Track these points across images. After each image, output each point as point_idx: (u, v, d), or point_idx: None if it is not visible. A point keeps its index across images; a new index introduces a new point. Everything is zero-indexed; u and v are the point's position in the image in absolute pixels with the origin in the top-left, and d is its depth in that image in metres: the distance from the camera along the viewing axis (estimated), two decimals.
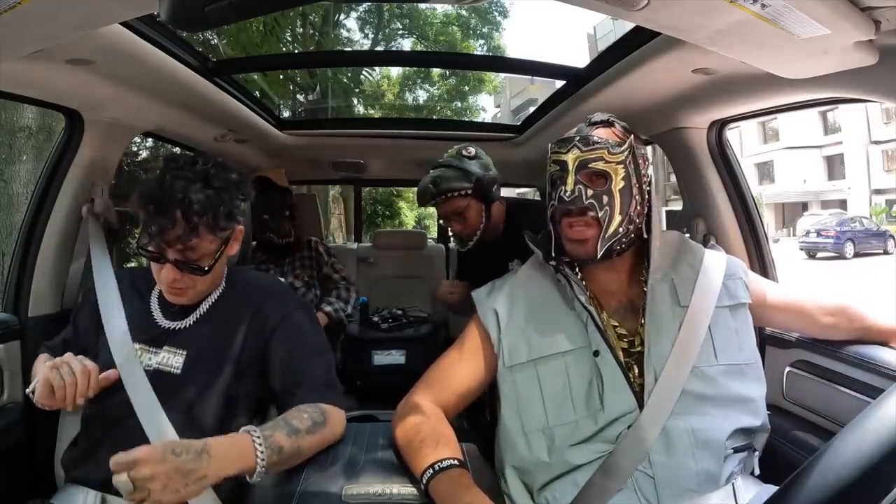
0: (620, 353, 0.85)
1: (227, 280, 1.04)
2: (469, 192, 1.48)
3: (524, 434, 0.84)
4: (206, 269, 0.92)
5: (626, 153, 0.87)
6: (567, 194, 0.86)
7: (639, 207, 0.89)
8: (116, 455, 0.67)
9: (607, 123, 0.92)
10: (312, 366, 0.98)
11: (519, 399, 0.86)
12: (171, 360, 0.95)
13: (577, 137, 0.89)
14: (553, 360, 0.86)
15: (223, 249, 0.95)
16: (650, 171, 0.93)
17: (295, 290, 1.91)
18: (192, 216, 0.86)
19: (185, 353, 0.95)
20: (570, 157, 0.87)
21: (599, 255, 0.87)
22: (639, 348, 0.85)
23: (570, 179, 0.87)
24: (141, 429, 0.89)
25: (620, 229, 0.87)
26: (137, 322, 0.98)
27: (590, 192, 0.86)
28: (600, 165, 0.86)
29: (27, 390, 0.91)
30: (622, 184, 0.87)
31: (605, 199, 0.86)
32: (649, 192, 0.92)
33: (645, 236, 0.91)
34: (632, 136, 0.90)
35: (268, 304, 1.00)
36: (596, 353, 0.84)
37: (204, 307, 1.00)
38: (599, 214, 0.86)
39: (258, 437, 0.79)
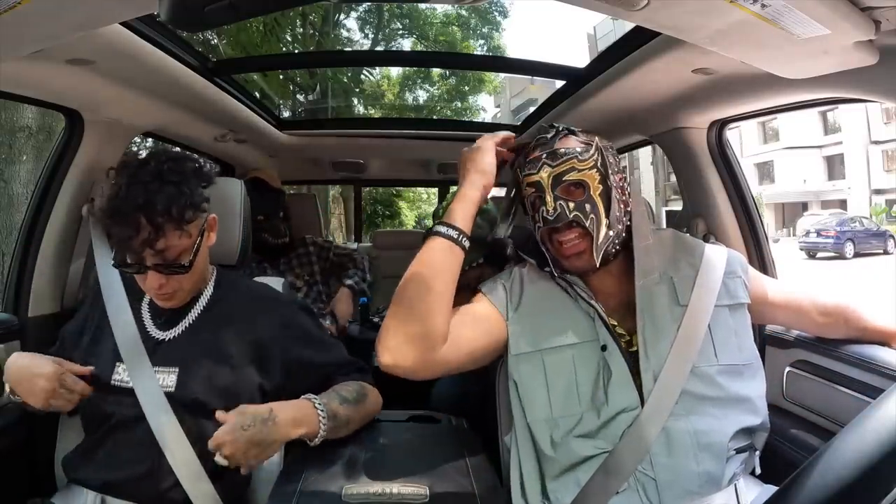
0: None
1: (217, 284, 1.03)
2: (481, 261, 1.31)
3: (527, 424, 0.85)
4: (188, 265, 0.91)
5: (595, 156, 0.87)
6: (550, 213, 0.86)
7: (623, 206, 0.90)
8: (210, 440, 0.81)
9: (569, 133, 0.91)
10: (333, 357, 1.02)
11: (523, 388, 0.86)
12: (166, 380, 0.92)
13: (544, 155, 0.88)
14: (560, 353, 0.86)
15: (200, 242, 0.94)
16: (623, 166, 0.94)
17: (296, 290, 1.90)
18: (155, 217, 0.85)
19: (176, 369, 0.93)
20: (544, 176, 0.87)
21: (598, 262, 0.86)
22: (635, 348, 0.85)
23: (549, 197, 0.86)
24: (144, 429, 0.89)
25: (611, 233, 0.87)
26: (129, 335, 0.96)
27: (571, 204, 0.86)
28: (574, 176, 0.86)
29: (12, 397, 0.93)
30: (600, 188, 0.87)
31: (588, 207, 0.86)
32: (629, 190, 0.92)
33: (623, 235, 0.91)
34: (596, 138, 0.90)
35: (265, 316, 0.99)
36: (604, 348, 0.85)
37: (193, 314, 0.98)
38: (587, 224, 0.86)
39: (320, 405, 0.88)
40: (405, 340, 0.79)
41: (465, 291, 0.94)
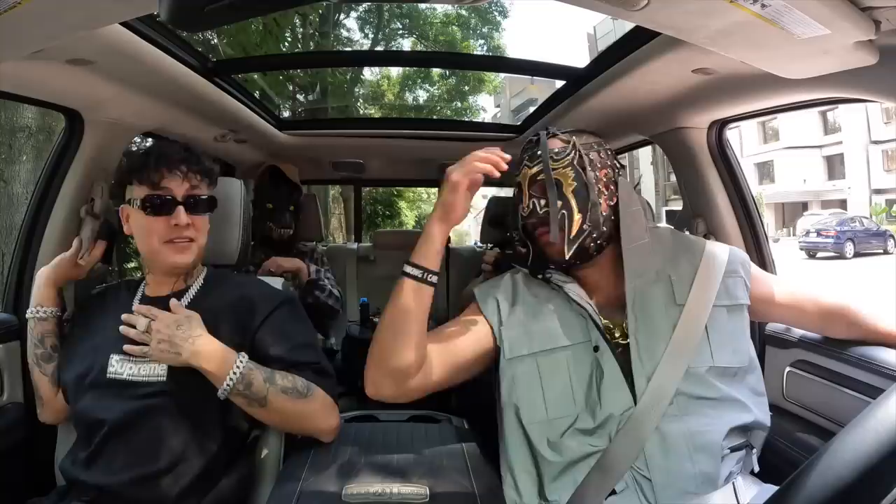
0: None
1: (207, 279, 1.05)
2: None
3: (522, 427, 0.85)
4: (210, 204, 1.02)
5: (570, 156, 0.91)
6: (524, 210, 0.93)
7: (603, 202, 0.91)
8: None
9: (552, 135, 0.96)
10: (300, 360, 0.98)
11: (518, 392, 0.87)
12: (158, 369, 0.93)
13: (525, 157, 0.95)
14: (554, 354, 0.87)
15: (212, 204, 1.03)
16: (615, 165, 0.96)
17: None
18: (192, 161, 1.00)
19: None
20: (523, 177, 0.94)
21: (568, 255, 0.88)
22: (624, 342, 0.86)
23: (525, 196, 0.94)
24: (139, 433, 0.89)
25: (585, 227, 0.89)
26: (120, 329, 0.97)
27: (542, 202, 0.91)
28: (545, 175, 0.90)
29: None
30: (574, 184, 0.90)
31: (560, 203, 0.89)
32: (615, 186, 0.93)
33: (605, 229, 0.92)
34: (574, 138, 0.93)
35: (252, 303, 1.00)
36: (596, 349, 0.85)
37: (182, 304, 0.99)
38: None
39: (241, 362, 0.89)
40: (382, 374, 0.85)
41: (473, 300, 1.00)
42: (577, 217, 0.89)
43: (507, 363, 0.89)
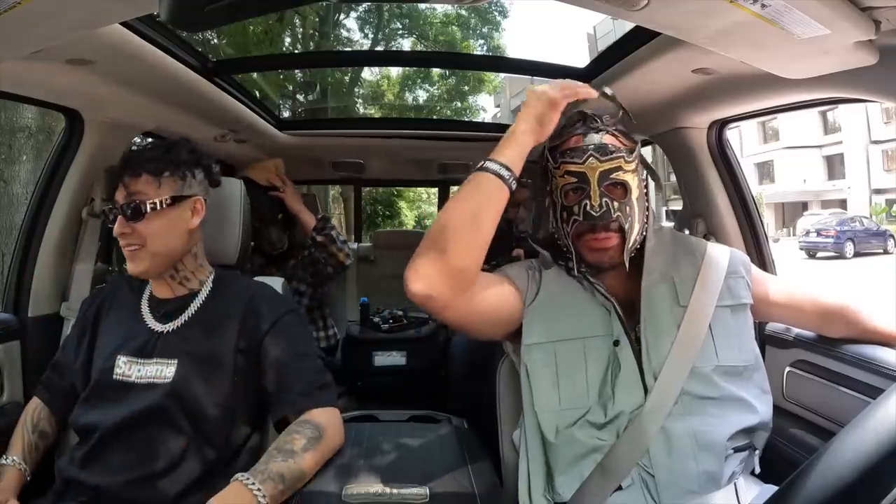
0: None
1: (216, 282, 1.04)
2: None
3: (535, 414, 0.85)
4: (143, 210, 0.93)
5: (636, 160, 0.87)
6: (595, 209, 0.84)
7: (647, 212, 0.90)
8: None
9: (615, 129, 0.90)
10: (303, 368, 0.97)
11: (534, 378, 0.86)
12: (165, 371, 0.92)
13: (591, 146, 0.86)
14: (572, 344, 0.86)
15: (168, 205, 0.95)
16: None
17: (300, 295, 1.87)
18: (141, 162, 0.96)
19: (175, 361, 0.93)
20: (590, 169, 0.85)
21: (627, 263, 0.86)
22: (637, 345, 0.85)
23: (596, 193, 0.84)
24: (137, 435, 0.89)
25: (638, 237, 0.88)
26: (127, 329, 0.97)
27: (615, 203, 0.85)
28: (621, 176, 0.85)
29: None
30: (637, 192, 0.87)
31: (628, 209, 0.86)
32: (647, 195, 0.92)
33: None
34: (638, 142, 0.90)
35: (260, 308, 1.00)
36: (616, 343, 0.85)
37: (192, 309, 0.99)
38: (625, 226, 0.85)
39: (247, 479, 0.80)
40: (441, 272, 0.77)
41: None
42: (637, 227, 0.87)
43: (526, 349, 0.88)
